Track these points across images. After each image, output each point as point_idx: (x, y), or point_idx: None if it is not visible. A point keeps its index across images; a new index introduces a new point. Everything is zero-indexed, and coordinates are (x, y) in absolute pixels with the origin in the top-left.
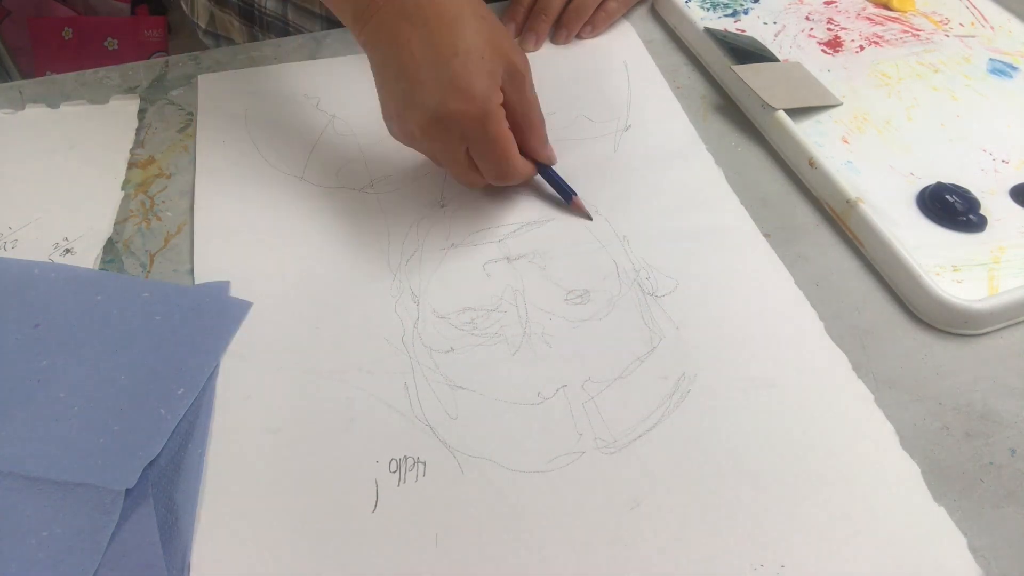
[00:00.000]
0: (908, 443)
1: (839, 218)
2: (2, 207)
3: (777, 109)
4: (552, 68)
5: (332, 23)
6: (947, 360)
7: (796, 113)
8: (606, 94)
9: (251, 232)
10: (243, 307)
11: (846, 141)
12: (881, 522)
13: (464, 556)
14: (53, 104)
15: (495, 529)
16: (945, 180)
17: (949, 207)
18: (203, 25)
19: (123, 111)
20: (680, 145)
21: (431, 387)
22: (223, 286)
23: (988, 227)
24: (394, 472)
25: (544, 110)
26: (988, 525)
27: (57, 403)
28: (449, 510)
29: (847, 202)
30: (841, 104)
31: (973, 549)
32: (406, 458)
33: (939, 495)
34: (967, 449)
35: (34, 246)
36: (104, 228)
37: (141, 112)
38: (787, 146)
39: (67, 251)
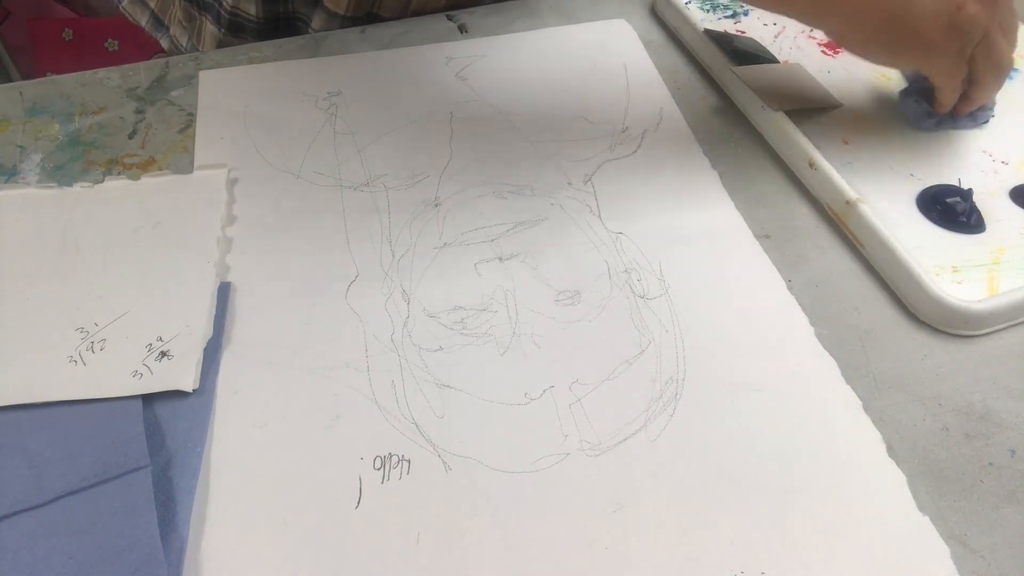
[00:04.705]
0: (907, 444)
1: (839, 219)
2: (85, 297)
3: (777, 111)
4: (551, 69)
5: (357, 23)
6: (947, 361)
7: (796, 114)
8: (605, 95)
9: (246, 228)
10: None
11: (846, 142)
12: (864, 530)
13: (445, 555)
14: (133, 178)
15: (477, 529)
16: (945, 181)
17: (949, 208)
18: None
19: (209, 181)
20: (677, 147)
21: (418, 385)
22: (224, 286)
23: (988, 228)
24: (378, 469)
25: (541, 111)
26: (988, 525)
27: None
28: (432, 509)
29: (847, 203)
30: (841, 106)
31: (973, 550)
32: (391, 455)
33: (939, 496)
34: (967, 450)
35: (125, 347)
36: (202, 324)
37: (140, 112)
38: (787, 147)
39: (163, 354)
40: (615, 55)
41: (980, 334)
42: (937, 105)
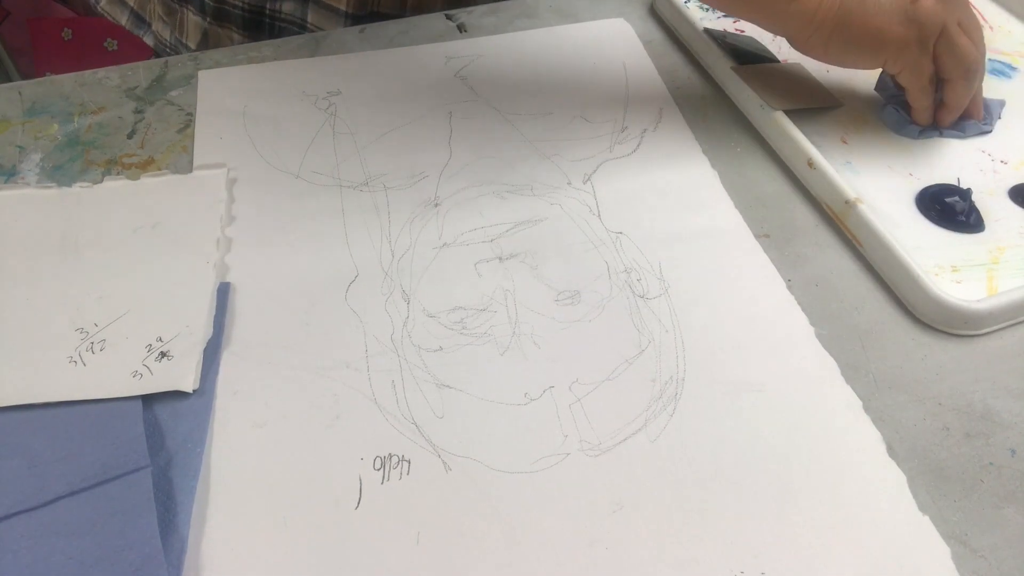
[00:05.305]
0: (907, 444)
1: (838, 219)
2: (85, 298)
3: (776, 110)
4: (550, 68)
5: (358, 20)
6: (947, 360)
7: (796, 114)
8: (604, 95)
9: (245, 228)
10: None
11: (845, 142)
12: (865, 531)
13: (444, 555)
14: (132, 178)
15: (477, 529)
16: (944, 180)
17: (948, 207)
18: (193, 46)
19: (209, 181)
20: (676, 147)
21: (418, 386)
22: (224, 286)
23: (987, 227)
24: (378, 470)
25: (541, 110)
26: (988, 525)
27: None
28: (432, 509)
29: (846, 202)
30: (841, 105)
31: (973, 549)
32: (391, 456)
33: (939, 496)
34: (967, 449)
35: (125, 348)
36: (202, 324)
37: (139, 112)
38: (786, 147)
39: (163, 355)
40: (614, 54)
41: (980, 334)
42: (913, 112)
